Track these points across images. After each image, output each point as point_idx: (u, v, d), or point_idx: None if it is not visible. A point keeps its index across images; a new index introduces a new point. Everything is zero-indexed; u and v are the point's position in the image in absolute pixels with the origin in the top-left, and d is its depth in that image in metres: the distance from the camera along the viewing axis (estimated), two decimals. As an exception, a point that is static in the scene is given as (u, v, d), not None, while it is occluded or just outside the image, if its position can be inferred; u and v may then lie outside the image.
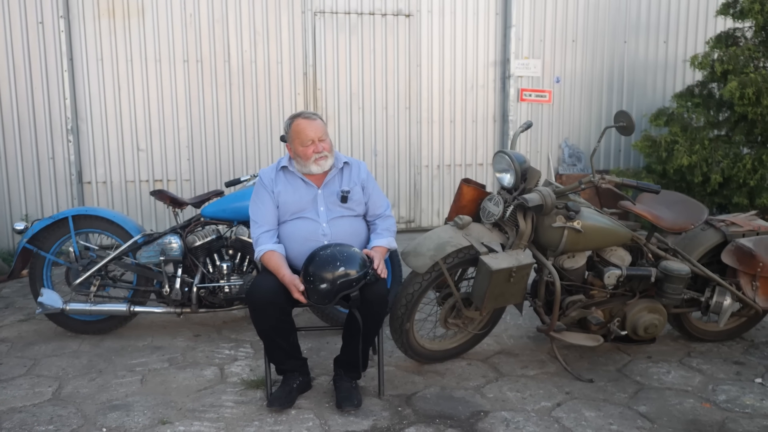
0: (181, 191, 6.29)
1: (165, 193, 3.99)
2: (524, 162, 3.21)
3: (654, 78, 7.44)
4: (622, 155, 7.50)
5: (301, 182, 3.05)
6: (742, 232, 3.54)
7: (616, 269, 3.28)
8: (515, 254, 3.06)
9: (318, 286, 2.74)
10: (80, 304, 3.78)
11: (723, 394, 3.10)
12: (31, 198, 5.98)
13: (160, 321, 4.18)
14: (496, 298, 3.06)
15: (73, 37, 5.92)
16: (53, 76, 5.88)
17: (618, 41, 7.29)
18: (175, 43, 6.14)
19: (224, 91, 6.31)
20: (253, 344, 3.74)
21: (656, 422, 2.83)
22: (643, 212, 3.42)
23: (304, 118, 3.01)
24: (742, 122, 5.98)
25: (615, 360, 3.52)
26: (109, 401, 3.04)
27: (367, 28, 6.61)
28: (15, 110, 5.84)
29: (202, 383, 3.25)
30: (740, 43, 6.21)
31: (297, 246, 2.97)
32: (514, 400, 3.05)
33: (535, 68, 7.08)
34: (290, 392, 2.98)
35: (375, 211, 3.15)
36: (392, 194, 6.89)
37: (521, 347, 3.72)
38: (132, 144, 6.18)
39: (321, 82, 6.55)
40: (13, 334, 3.97)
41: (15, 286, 5.00)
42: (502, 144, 7.14)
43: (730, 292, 3.45)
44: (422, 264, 3.06)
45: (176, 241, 3.77)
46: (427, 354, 3.39)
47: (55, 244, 3.87)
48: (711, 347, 3.70)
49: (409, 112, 6.86)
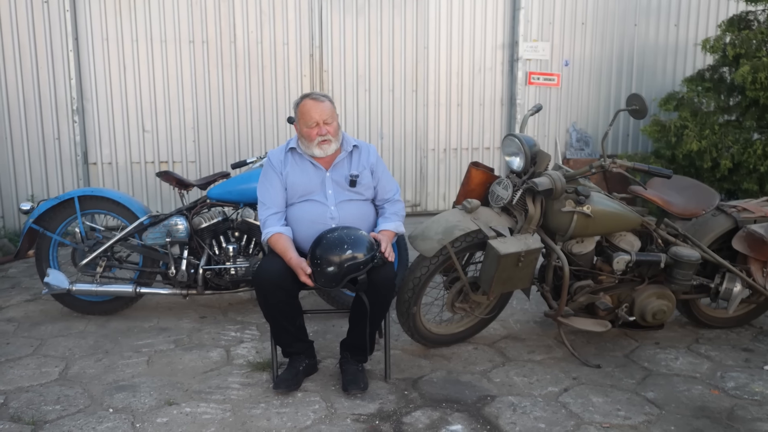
0: (187, 173, 6.27)
1: (171, 175, 3.97)
2: (534, 145, 3.17)
3: (664, 62, 7.36)
4: (630, 140, 7.44)
5: (309, 164, 3.02)
6: (753, 218, 3.50)
7: (625, 255, 3.25)
8: (524, 239, 3.03)
9: (325, 269, 2.72)
10: (86, 284, 3.78)
11: (731, 381, 3.08)
12: (36, 178, 5.97)
13: (166, 302, 4.18)
14: (504, 283, 3.04)
15: (78, 17, 5.88)
16: (58, 57, 5.84)
17: (628, 24, 7.20)
18: (180, 24, 6.09)
19: (230, 72, 6.27)
20: (259, 326, 3.74)
21: (664, 408, 2.81)
22: (653, 197, 3.39)
23: (312, 99, 2.97)
24: (753, 107, 5.91)
25: (622, 346, 3.50)
26: (115, 382, 3.05)
27: (374, 9, 6.54)
28: (20, 91, 5.82)
29: (208, 365, 3.25)
30: (753, 26, 6.12)
31: (304, 229, 2.94)
32: (521, 385, 3.04)
33: (544, 51, 7.00)
34: (296, 375, 2.98)
35: (384, 195, 3.13)
36: (398, 178, 6.86)
37: (528, 332, 3.70)
38: (138, 125, 6.16)
39: (327, 63, 6.50)
40: (19, 314, 3.98)
41: (21, 266, 5.01)
42: (509, 128, 7.09)
43: (740, 279, 3.42)
44: (430, 248, 3.03)
45: (182, 223, 3.76)
46: (433, 338, 3.38)
47: (61, 225, 3.86)
48: (720, 334, 3.68)
49: (416, 95, 6.81)
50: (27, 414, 2.73)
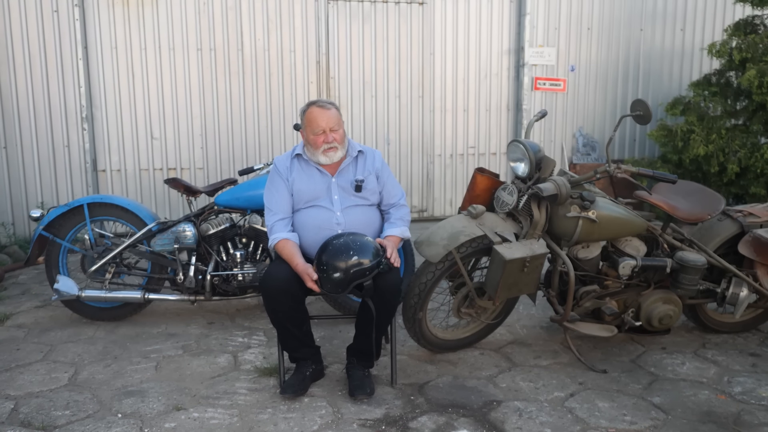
0: (195, 179, 6.32)
1: (179, 182, 4.01)
2: (539, 151, 3.18)
3: (670, 66, 7.36)
4: (637, 145, 7.43)
5: (315, 170, 3.04)
6: (759, 222, 3.49)
7: (631, 259, 3.25)
8: (529, 244, 3.04)
9: (331, 275, 2.74)
10: (95, 291, 3.82)
11: (738, 386, 3.08)
12: (46, 186, 6.03)
13: (174, 308, 4.21)
14: (510, 288, 3.05)
15: (88, 26, 5.94)
16: (68, 65, 5.91)
17: (634, 29, 7.20)
18: (188, 31, 6.14)
19: (237, 79, 6.31)
20: (267, 332, 3.76)
21: (670, 413, 2.81)
22: (658, 202, 3.39)
23: (318, 106, 3.00)
24: (760, 111, 5.90)
25: (629, 351, 3.50)
26: (124, 387, 3.08)
27: (380, 16, 6.58)
28: (31, 99, 5.89)
29: (215, 370, 3.27)
30: (759, 30, 6.12)
31: (311, 235, 2.97)
32: (527, 390, 3.04)
33: (550, 57, 7.02)
34: (303, 380, 3.00)
35: (389, 201, 3.14)
36: (405, 183, 6.88)
37: (534, 337, 3.71)
38: (146, 132, 6.21)
39: (334, 70, 6.54)
40: (29, 321, 4.02)
41: (31, 272, 5.06)
42: (515, 133, 7.10)
43: (746, 283, 3.42)
44: (435, 253, 3.05)
45: (190, 229, 3.79)
46: (439, 343, 3.39)
47: (70, 232, 3.90)
48: (726, 339, 3.67)
49: (422, 101, 6.83)
50: (37, 419, 2.76)
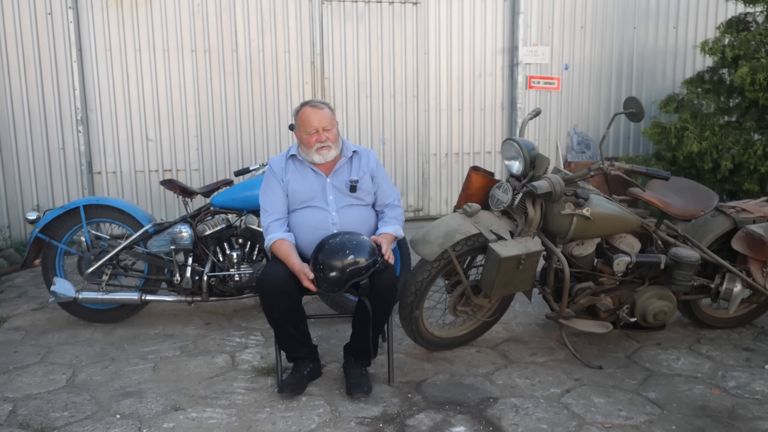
0: (191, 181, 6.32)
1: (175, 183, 4.01)
2: (533, 149, 3.20)
3: (664, 64, 7.39)
4: (631, 142, 7.46)
5: (310, 171, 3.06)
6: (752, 218, 3.52)
7: (626, 256, 3.28)
8: (524, 242, 3.06)
9: (327, 274, 2.75)
10: (92, 293, 3.82)
11: (733, 381, 3.10)
12: (42, 188, 6.02)
13: (171, 309, 4.22)
14: (505, 286, 3.06)
15: (82, 28, 5.94)
16: (63, 67, 5.90)
17: (627, 27, 7.23)
18: (182, 33, 6.14)
19: (232, 80, 6.32)
20: (264, 332, 3.77)
21: (665, 408, 2.84)
22: (652, 199, 3.41)
23: (311, 106, 3.02)
24: (753, 108, 5.93)
25: (624, 347, 3.52)
26: (122, 388, 3.08)
27: (374, 16, 6.59)
28: (25, 101, 5.88)
29: (213, 370, 3.28)
30: (751, 28, 6.15)
31: (306, 235, 2.98)
32: (524, 386, 3.06)
33: (544, 55, 7.04)
34: (301, 379, 3.01)
35: (384, 201, 3.16)
36: (400, 183, 6.90)
37: (530, 334, 3.73)
38: (141, 134, 6.21)
39: (329, 70, 6.55)
40: (26, 323, 4.02)
41: (28, 275, 5.05)
42: (510, 132, 7.12)
43: (740, 279, 3.44)
44: (431, 252, 3.06)
45: (186, 230, 3.80)
46: (436, 341, 3.41)
47: (66, 234, 3.90)
48: (721, 334, 3.70)
49: (417, 100, 6.84)
50: (35, 421, 2.76)
